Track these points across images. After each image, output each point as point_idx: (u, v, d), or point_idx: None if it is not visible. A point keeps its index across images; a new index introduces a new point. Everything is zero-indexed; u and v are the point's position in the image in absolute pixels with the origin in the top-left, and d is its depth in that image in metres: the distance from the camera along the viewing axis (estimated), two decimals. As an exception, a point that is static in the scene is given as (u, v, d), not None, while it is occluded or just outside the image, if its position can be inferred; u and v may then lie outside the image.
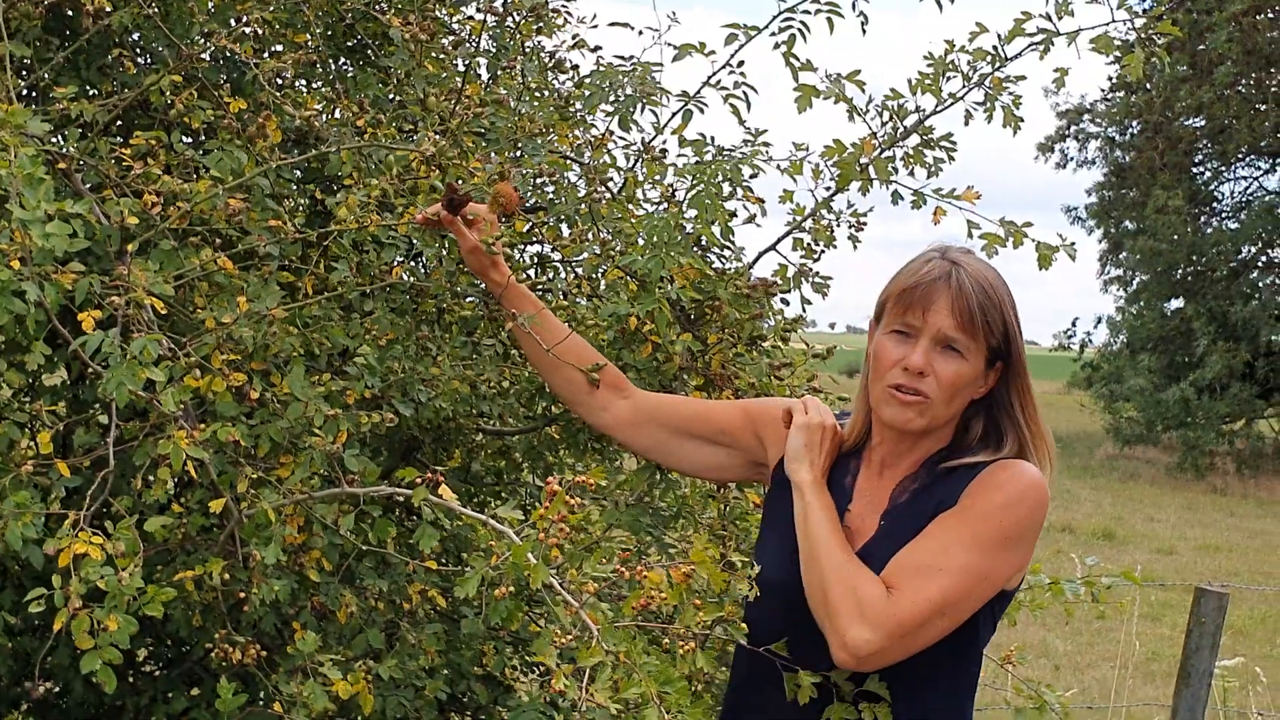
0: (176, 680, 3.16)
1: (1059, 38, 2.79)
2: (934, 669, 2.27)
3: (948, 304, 2.25)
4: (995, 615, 2.33)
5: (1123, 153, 28.66)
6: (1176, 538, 16.32)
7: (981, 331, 2.26)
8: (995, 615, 2.33)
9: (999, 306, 2.27)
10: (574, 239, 2.99)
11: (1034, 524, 2.25)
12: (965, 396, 2.31)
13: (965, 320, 2.25)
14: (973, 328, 2.25)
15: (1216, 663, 5.32)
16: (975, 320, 2.25)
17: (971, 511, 2.24)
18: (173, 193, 2.46)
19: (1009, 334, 2.29)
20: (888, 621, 2.14)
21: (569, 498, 2.11)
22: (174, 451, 2.18)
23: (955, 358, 2.26)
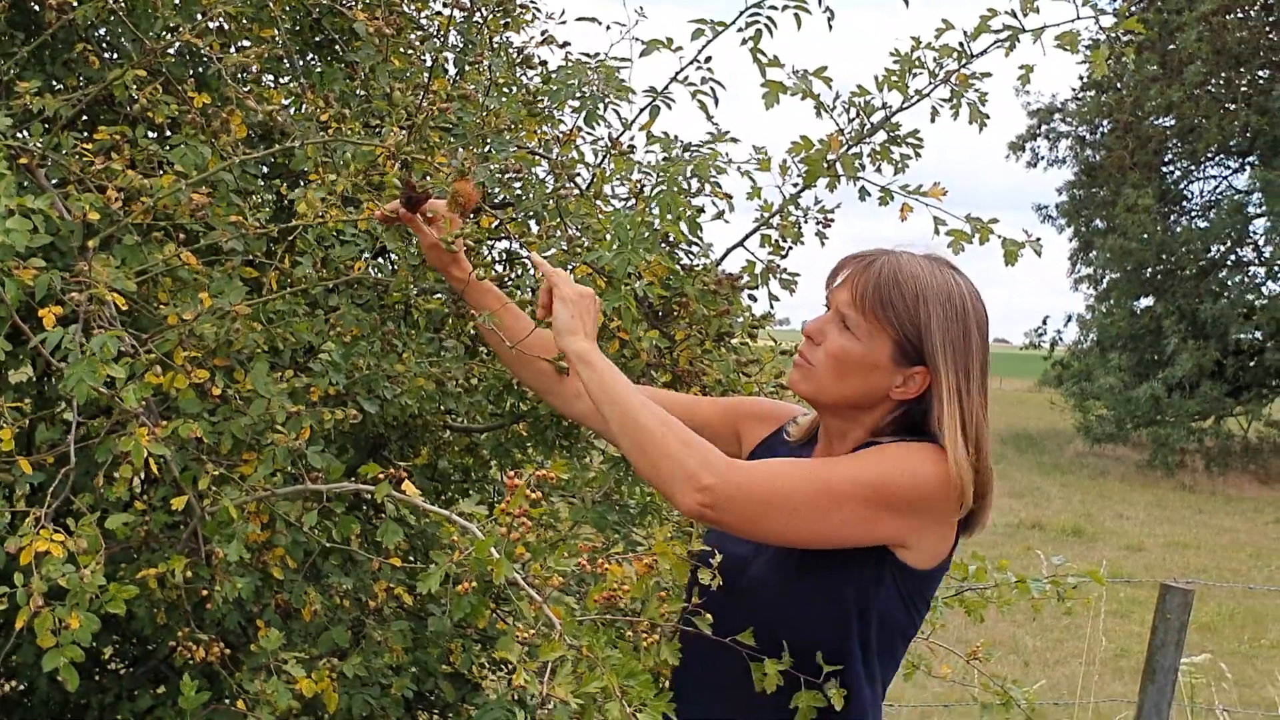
0: (141, 678, 3.15)
1: (1024, 35, 2.80)
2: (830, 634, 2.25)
3: (851, 280, 2.26)
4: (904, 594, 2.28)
5: (1093, 152, 28.80)
6: (1145, 535, 16.41)
7: (877, 315, 2.23)
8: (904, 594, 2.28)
9: (912, 302, 2.23)
10: (541, 235, 2.98)
11: (919, 498, 2.20)
12: (863, 381, 2.28)
13: (858, 296, 2.24)
14: (863, 306, 2.24)
15: (1182, 659, 5.35)
16: (868, 300, 2.23)
17: (857, 456, 2.25)
18: (136, 188, 2.44)
19: (921, 334, 2.23)
20: (732, 475, 2.14)
21: (530, 491, 2.11)
22: (135, 448, 2.17)
23: (847, 335, 2.26)
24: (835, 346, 2.27)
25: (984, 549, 11.18)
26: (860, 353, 2.26)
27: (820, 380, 2.30)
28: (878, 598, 2.26)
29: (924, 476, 2.20)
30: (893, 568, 2.25)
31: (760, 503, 2.16)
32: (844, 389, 2.30)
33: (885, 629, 2.29)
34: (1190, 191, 28.38)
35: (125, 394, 2.17)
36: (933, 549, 2.27)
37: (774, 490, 2.16)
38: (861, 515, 2.19)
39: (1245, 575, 13.81)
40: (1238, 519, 18.64)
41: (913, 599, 2.30)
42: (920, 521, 2.23)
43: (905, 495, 2.19)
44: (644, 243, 2.72)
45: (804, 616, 2.25)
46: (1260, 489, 22.16)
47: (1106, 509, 18.79)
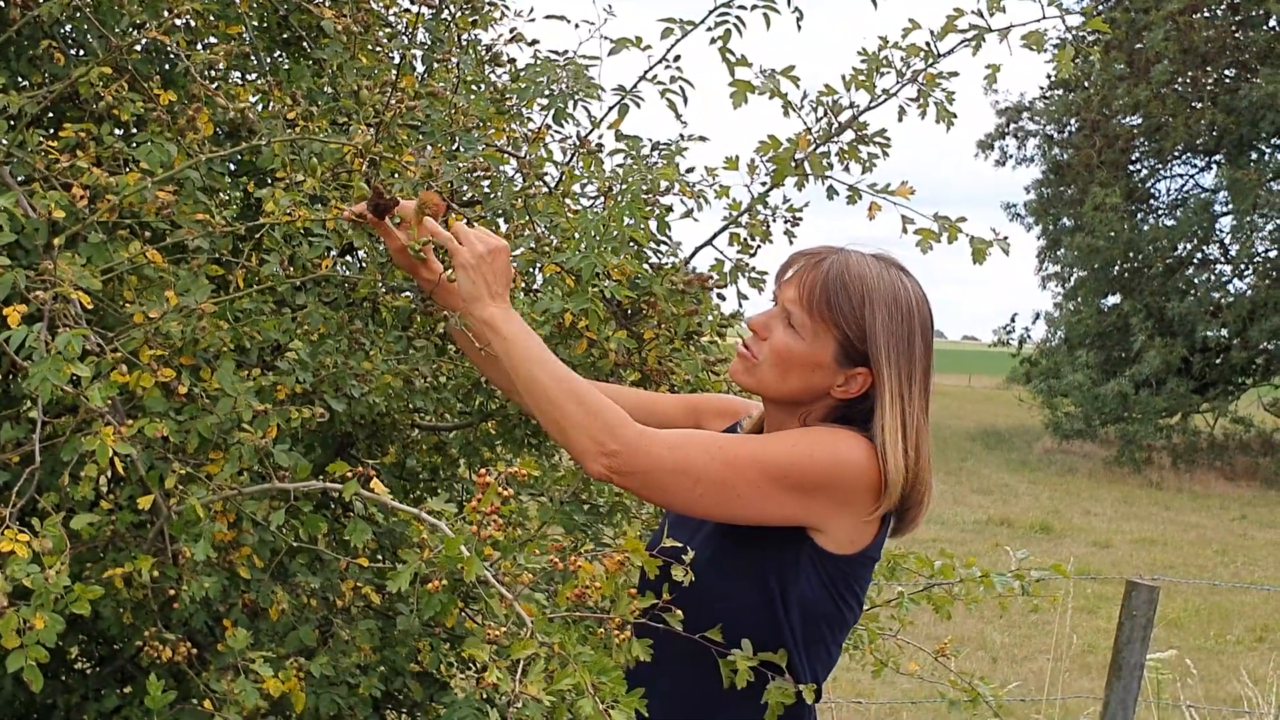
0: (108, 678, 3.13)
1: (991, 34, 2.81)
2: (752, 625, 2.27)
3: (798, 278, 2.28)
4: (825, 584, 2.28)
5: (1061, 150, 28.93)
6: (1113, 531, 16.50)
7: (821, 315, 2.25)
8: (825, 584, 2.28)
9: (858, 304, 2.25)
10: (510, 234, 2.98)
11: (830, 481, 2.21)
12: (805, 379, 2.30)
13: (804, 295, 2.26)
14: (809, 305, 2.26)
15: (1149, 655, 5.38)
16: (813, 298, 2.25)
17: (772, 436, 2.27)
18: (101, 186, 2.43)
19: (865, 336, 2.25)
20: (639, 442, 2.16)
21: (501, 489, 2.11)
22: (101, 447, 2.16)
23: (791, 332, 2.28)
24: (779, 343, 2.29)
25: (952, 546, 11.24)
26: (804, 351, 2.28)
27: (762, 375, 2.33)
28: (797, 581, 2.26)
29: (836, 460, 2.22)
30: (810, 551, 2.26)
31: (665, 471, 2.18)
32: (785, 385, 2.32)
33: (808, 615, 2.29)
34: (1157, 190, 28.56)
35: (90, 392, 2.16)
36: (848, 534, 2.27)
37: (678, 460, 2.18)
38: (765, 491, 2.20)
39: (1211, 571, 13.90)
40: (1204, 515, 18.76)
41: (835, 586, 2.30)
42: (829, 505, 2.24)
43: (812, 476, 2.21)
44: (611, 242, 2.72)
45: (730, 600, 2.26)
46: (1226, 486, 22.30)
47: (1074, 506, 18.89)
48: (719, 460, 2.19)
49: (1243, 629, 11.25)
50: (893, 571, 3.39)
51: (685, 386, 2.92)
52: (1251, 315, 24.40)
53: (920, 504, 2.30)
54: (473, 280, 2.36)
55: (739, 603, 2.27)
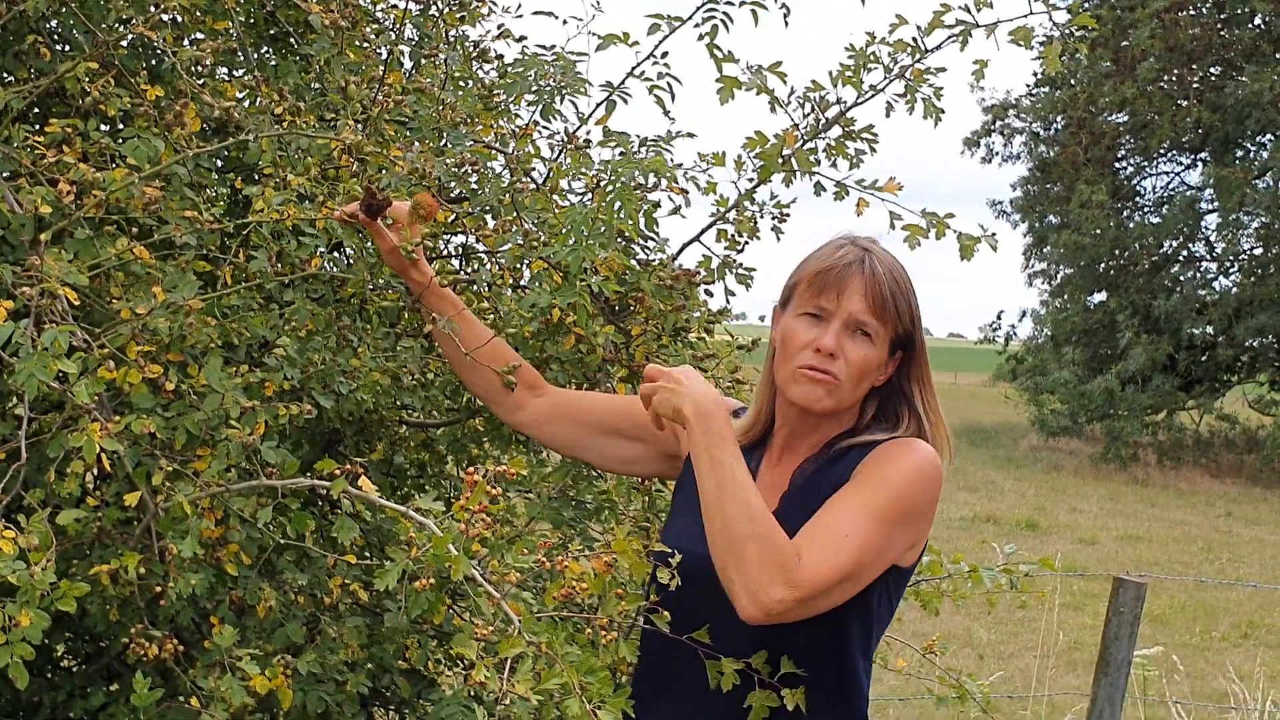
0: (94, 675, 3.12)
1: (978, 30, 2.81)
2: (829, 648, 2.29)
3: (861, 288, 2.29)
4: (892, 594, 2.35)
5: (1047, 148, 28.96)
6: (1099, 528, 16.52)
7: (891, 317, 2.30)
8: (892, 594, 2.35)
9: (906, 294, 2.33)
10: (498, 230, 2.98)
11: (928, 500, 2.27)
12: (870, 381, 2.34)
13: (877, 305, 2.29)
14: (883, 313, 2.29)
15: (1135, 652, 5.39)
16: (886, 306, 2.29)
17: (869, 484, 2.25)
18: (88, 181, 2.42)
19: (915, 322, 2.34)
20: (803, 582, 2.12)
21: (490, 488, 2.10)
22: (87, 444, 2.15)
23: (865, 342, 2.30)
24: (859, 358, 2.31)
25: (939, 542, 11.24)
26: (877, 358, 2.33)
27: (844, 392, 2.33)
28: (872, 604, 2.30)
29: (925, 478, 2.27)
30: (889, 573, 2.29)
31: (824, 591, 2.16)
32: (858, 394, 2.36)
33: (878, 628, 2.36)
34: (1143, 187, 28.63)
35: (77, 389, 2.15)
36: (925, 539, 2.36)
37: (833, 574, 2.16)
38: (889, 545, 2.24)
39: (1197, 568, 13.94)
40: (1189, 512, 18.80)
41: (898, 593, 2.37)
42: (925, 520, 2.31)
43: (918, 507, 2.27)
44: (599, 238, 2.72)
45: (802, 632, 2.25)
46: (1211, 482, 22.35)
47: (1060, 503, 18.92)
48: (855, 549, 2.18)
49: (1228, 625, 11.28)
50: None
51: (673, 383, 2.91)
52: (1237, 313, 24.45)
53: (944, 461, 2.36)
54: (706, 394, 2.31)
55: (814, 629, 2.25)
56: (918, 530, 2.29)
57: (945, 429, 2.38)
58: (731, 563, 2.14)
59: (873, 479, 2.26)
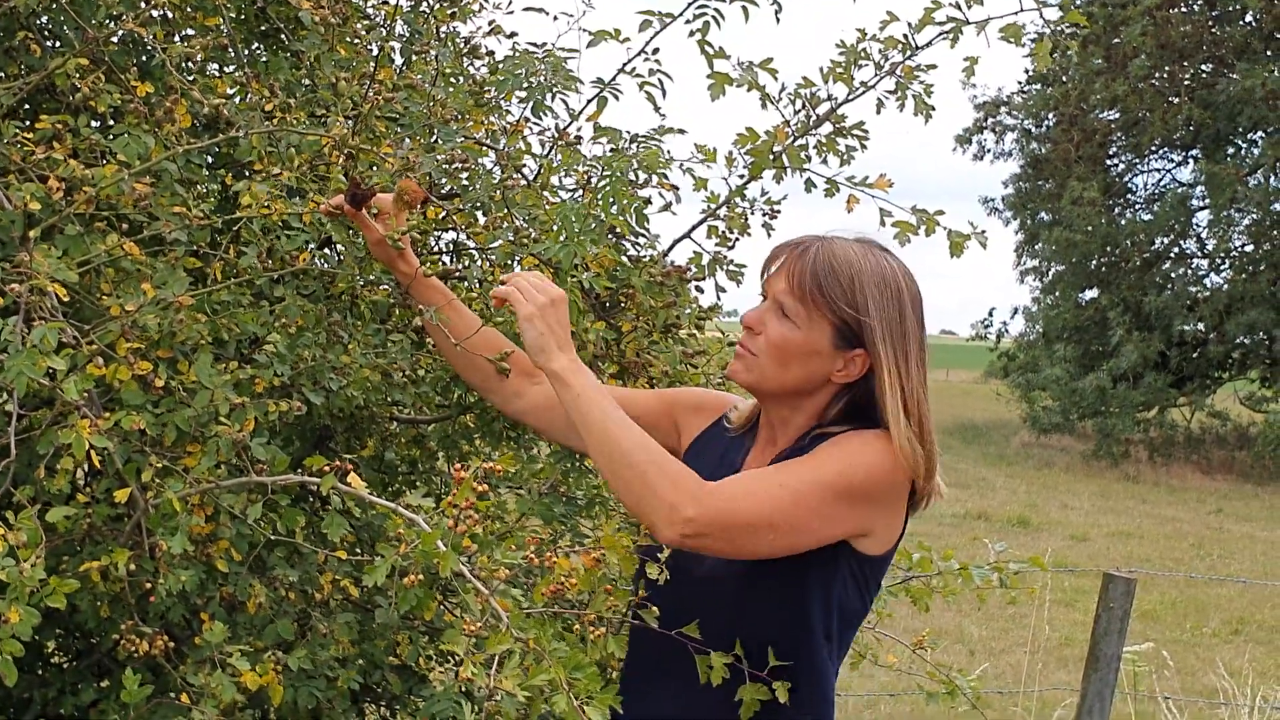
0: (84, 672, 3.12)
1: (969, 27, 2.81)
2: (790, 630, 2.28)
3: (787, 268, 2.29)
4: (860, 584, 2.32)
5: (1039, 145, 29.01)
6: (1090, 525, 16.55)
7: (815, 302, 2.26)
8: (860, 584, 2.32)
9: (846, 285, 2.26)
10: (488, 226, 2.98)
11: (881, 485, 2.24)
12: (805, 368, 2.31)
13: (795, 285, 2.27)
14: (802, 294, 2.27)
15: (1126, 648, 5.40)
16: (805, 287, 2.26)
17: (818, 454, 2.26)
18: (78, 178, 2.42)
19: (859, 317, 2.26)
20: (711, 502, 2.13)
21: (477, 484, 2.10)
22: (77, 440, 2.15)
23: (787, 322, 2.29)
24: (776, 335, 2.29)
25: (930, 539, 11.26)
26: (800, 339, 2.29)
27: (763, 369, 2.32)
28: (835, 588, 2.28)
29: (878, 465, 2.23)
30: (849, 558, 2.28)
31: (742, 526, 2.16)
32: (786, 376, 2.32)
33: (843, 618, 2.33)
34: (1134, 184, 28.67)
35: (67, 386, 2.15)
36: (888, 534, 2.31)
37: (752, 511, 2.17)
38: (827, 514, 2.21)
39: (1187, 564, 13.96)
40: (1180, 509, 18.84)
41: (867, 584, 2.34)
42: (879, 509, 2.27)
43: (864, 487, 2.23)
44: (590, 234, 2.72)
45: (763, 612, 2.27)
46: (1202, 479, 22.40)
47: (1052, 499, 18.95)
48: (788, 501, 2.19)
49: (1219, 621, 11.30)
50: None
51: (663, 379, 2.92)
52: (1228, 309, 24.51)
53: (933, 478, 2.31)
54: (539, 331, 2.33)
55: (772, 611, 2.27)
56: (867, 513, 2.25)
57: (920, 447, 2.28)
58: (638, 489, 2.16)
59: (822, 451, 2.26)
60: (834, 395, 2.35)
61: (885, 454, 2.24)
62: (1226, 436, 26.70)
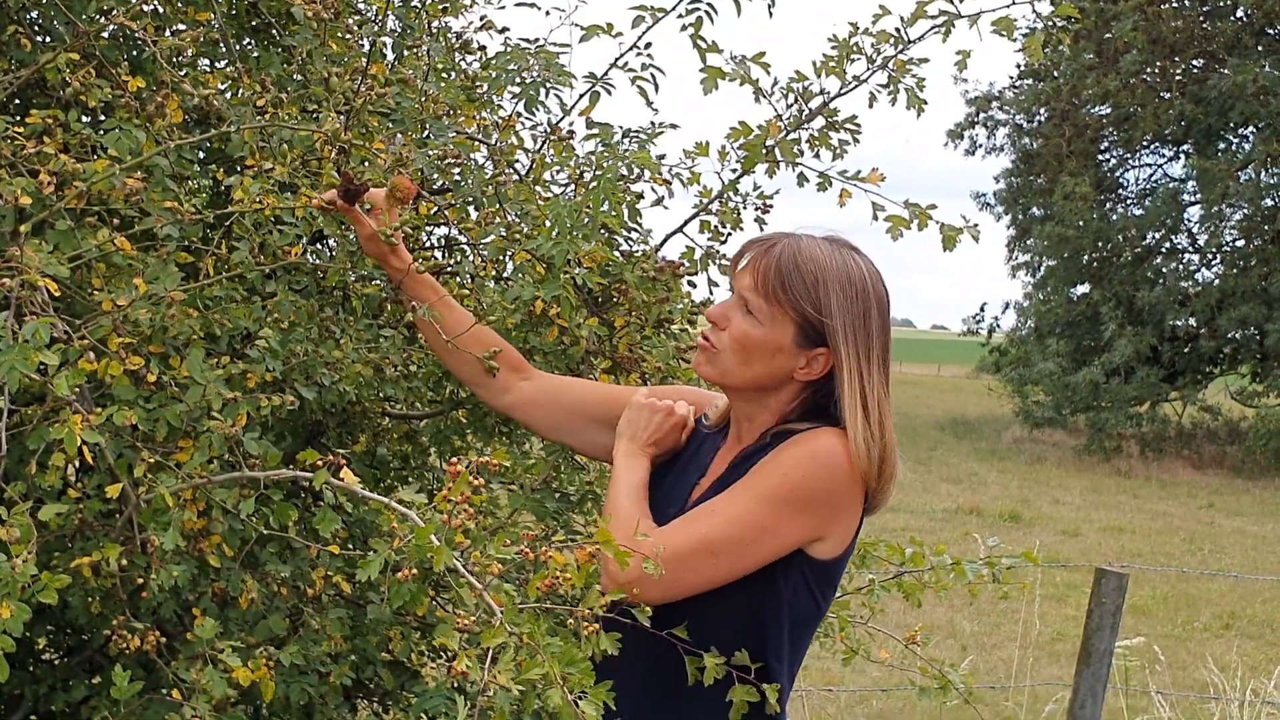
0: (76, 668, 3.12)
1: (960, 20, 2.81)
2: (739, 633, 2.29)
3: (752, 265, 2.31)
4: (813, 590, 2.32)
5: (1030, 140, 29.04)
6: (1082, 520, 16.58)
7: (779, 300, 2.27)
8: (813, 590, 2.32)
9: (810, 284, 2.27)
10: (480, 221, 2.97)
11: (828, 489, 2.25)
12: (768, 365, 2.32)
13: (762, 282, 2.28)
14: (766, 291, 2.28)
15: (1117, 642, 5.41)
16: (769, 284, 2.27)
17: (764, 466, 2.27)
18: (69, 172, 2.41)
19: (821, 316, 2.27)
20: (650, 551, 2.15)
21: (472, 479, 2.10)
22: (68, 436, 2.14)
23: (750, 319, 2.30)
24: (739, 331, 2.31)
25: (922, 534, 11.29)
26: (763, 336, 2.30)
27: (725, 364, 2.35)
28: (787, 593, 2.29)
29: (828, 469, 2.25)
30: (802, 564, 2.28)
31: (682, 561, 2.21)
32: (748, 373, 2.34)
33: (795, 622, 2.33)
34: (1126, 179, 28.74)
35: (58, 381, 2.14)
36: (842, 537, 2.31)
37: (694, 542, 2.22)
38: (772, 527, 2.24)
39: (1179, 559, 13.98)
40: (1172, 503, 18.87)
41: (820, 589, 2.34)
42: (829, 513, 2.27)
43: (812, 493, 2.24)
44: (583, 229, 2.72)
45: (717, 616, 2.28)
46: (1194, 474, 22.44)
47: (1043, 494, 18.97)
48: (721, 522, 2.22)
49: (1210, 616, 11.32)
50: (863, 560, 3.40)
51: (656, 374, 2.92)
52: (1219, 304, 24.55)
53: (891, 479, 2.32)
54: (629, 419, 2.49)
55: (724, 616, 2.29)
56: (818, 519, 2.25)
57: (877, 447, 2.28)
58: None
59: (768, 462, 2.28)
60: (797, 392, 2.36)
61: (836, 457, 2.25)
62: (1218, 431, 26.75)
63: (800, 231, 2.34)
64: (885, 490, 2.32)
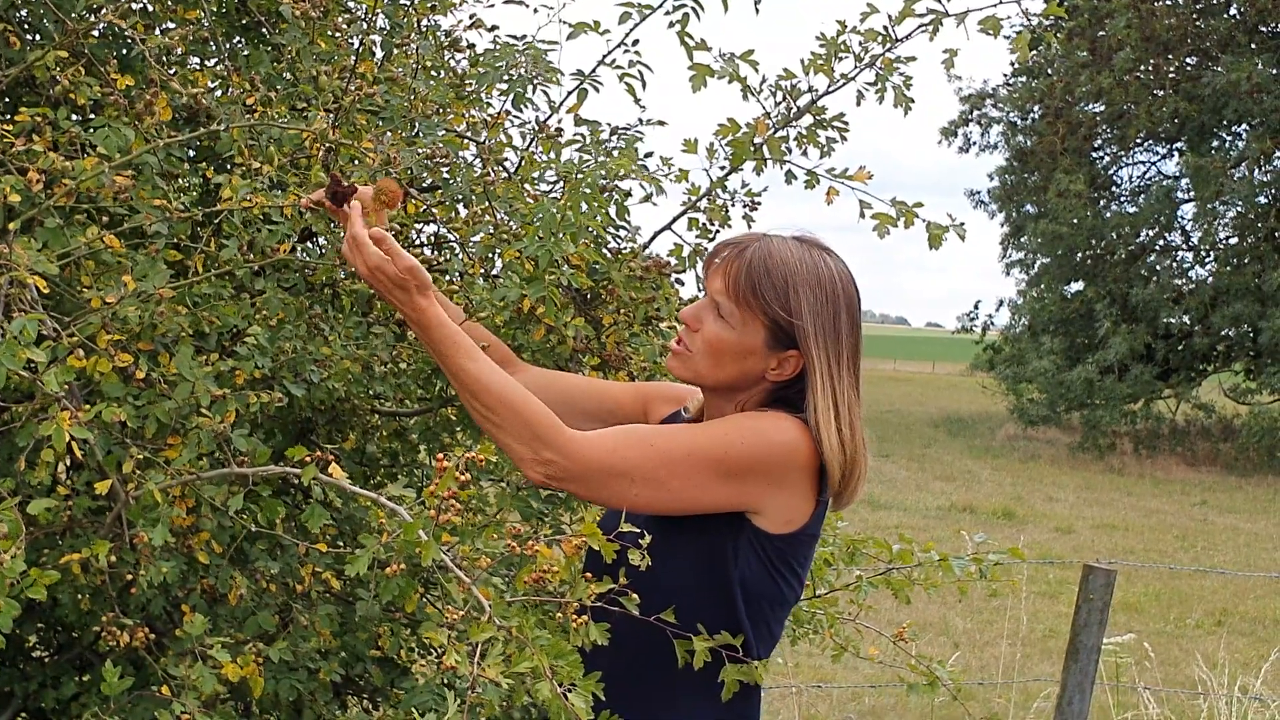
0: (66, 665, 3.12)
1: (948, 19, 2.82)
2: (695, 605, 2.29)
3: (723, 268, 2.33)
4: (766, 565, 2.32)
5: (1024, 137, 29.07)
6: (1075, 517, 16.60)
7: (750, 304, 2.29)
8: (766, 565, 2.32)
9: (780, 288, 2.29)
10: (469, 219, 2.98)
11: (763, 460, 2.26)
12: (739, 366, 2.34)
13: (730, 286, 2.30)
14: (737, 295, 2.30)
15: (1107, 639, 5.42)
16: (740, 288, 2.29)
17: (702, 425, 2.33)
18: (58, 170, 2.42)
19: (792, 319, 2.29)
20: (572, 448, 2.20)
21: (459, 474, 2.11)
22: (57, 433, 2.15)
23: (721, 322, 2.33)
24: (710, 334, 2.34)
25: (915, 532, 11.31)
26: (734, 339, 2.33)
27: (697, 366, 2.38)
28: (737, 563, 2.30)
29: (766, 442, 2.27)
30: (750, 533, 2.30)
31: (601, 474, 2.23)
32: (721, 374, 2.37)
33: (750, 595, 2.33)
34: (1120, 177, 28.77)
35: (47, 378, 2.15)
36: (785, 514, 2.32)
37: (614, 462, 2.23)
38: (698, 481, 2.25)
39: (1172, 556, 14.00)
40: (1165, 501, 18.90)
41: (776, 566, 2.34)
42: (763, 487, 2.28)
43: (744, 460, 2.25)
44: (569, 230, 2.73)
45: (673, 582, 2.30)
46: (1187, 471, 22.48)
47: (1037, 492, 19.00)
48: (653, 458, 2.24)
49: (1202, 613, 11.34)
50: (852, 556, 3.41)
51: (643, 373, 2.92)
52: (1213, 302, 24.59)
53: (858, 478, 2.34)
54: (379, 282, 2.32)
55: (681, 584, 2.30)
56: (749, 489, 2.26)
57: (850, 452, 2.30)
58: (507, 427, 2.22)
59: (716, 422, 2.33)
60: (766, 392, 2.38)
61: (782, 435, 2.27)
62: (1211, 429, 26.78)
63: (772, 232, 2.37)
64: (852, 489, 2.35)
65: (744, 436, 2.26)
